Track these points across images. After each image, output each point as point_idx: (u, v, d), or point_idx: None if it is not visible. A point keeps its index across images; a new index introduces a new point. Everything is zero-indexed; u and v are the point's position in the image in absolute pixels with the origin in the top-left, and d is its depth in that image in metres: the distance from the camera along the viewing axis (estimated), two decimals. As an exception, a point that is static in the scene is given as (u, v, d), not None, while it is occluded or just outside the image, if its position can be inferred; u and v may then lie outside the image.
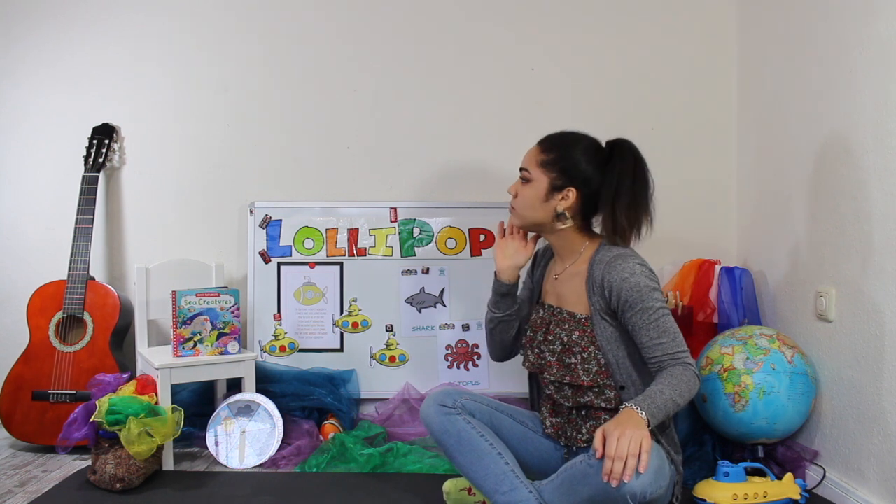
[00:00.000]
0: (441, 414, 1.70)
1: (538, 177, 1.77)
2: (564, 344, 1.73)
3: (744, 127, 2.58)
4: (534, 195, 1.77)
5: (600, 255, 1.72)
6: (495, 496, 1.60)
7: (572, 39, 2.66)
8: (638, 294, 1.63)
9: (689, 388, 1.59)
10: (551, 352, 1.76)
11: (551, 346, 1.76)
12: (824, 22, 2.02)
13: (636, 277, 1.64)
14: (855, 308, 1.89)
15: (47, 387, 2.37)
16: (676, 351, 1.62)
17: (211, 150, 2.70)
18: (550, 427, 1.82)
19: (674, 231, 2.59)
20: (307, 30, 2.68)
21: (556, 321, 1.78)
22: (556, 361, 1.74)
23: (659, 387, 1.57)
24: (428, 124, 2.68)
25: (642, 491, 1.43)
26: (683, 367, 1.61)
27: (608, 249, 1.72)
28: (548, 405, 1.84)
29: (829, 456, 2.00)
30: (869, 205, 1.82)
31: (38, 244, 2.68)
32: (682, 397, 1.57)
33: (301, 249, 2.63)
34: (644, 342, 1.64)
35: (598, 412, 1.72)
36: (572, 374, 1.71)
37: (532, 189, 1.77)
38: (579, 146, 1.77)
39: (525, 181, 1.79)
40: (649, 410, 1.51)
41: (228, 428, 2.30)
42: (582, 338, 1.71)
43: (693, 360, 1.65)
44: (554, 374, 1.74)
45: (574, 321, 1.73)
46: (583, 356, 1.70)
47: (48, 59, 2.68)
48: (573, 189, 1.74)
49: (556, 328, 1.77)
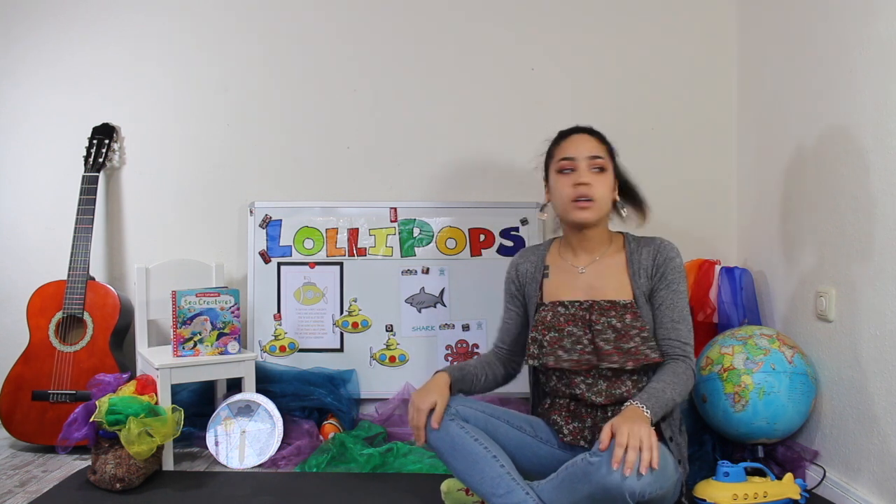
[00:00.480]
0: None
1: (609, 166, 1.78)
2: (618, 330, 1.71)
3: (744, 127, 2.58)
4: (610, 183, 1.78)
5: (635, 242, 1.81)
6: (492, 499, 1.59)
7: (572, 39, 2.66)
8: (678, 274, 1.75)
9: (688, 386, 1.68)
10: (605, 340, 1.71)
11: (603, 335, 1.72)
12: (824, 22, 2.02)
13: (680, 259, 1.77)
14: (855, 308, 1.89)
15: (47, 387, 2.38)
16: (687, 342, 1.72)
17: (211, 150, 2.70)
18: (569, 434, 1.76)
19: (674, 231, 2.58)
20: (307, 30, 2.68)
21: (595, 312, 1.74)
22: (614, 349, 1.70)
23: (661, 385, 1.63)
24: (428, 124, 2.68)
25: (642, 490, 1.43)
26: (686, 363, 1.70)
27: (637, 237, 1.82)
28: (562, 413, 1.79)
29: (829, 456, 2.00)
30: (869, 205, 1.82)
31: (38, 244, 2.68)
32: (680, 396, 1.66)
33: (301, 249, 2.63)
34: (664, 321, 1.73)
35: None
36: (636, 358, 1.69)
37: (608, 177, 1.77)
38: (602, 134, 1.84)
39: (601, 170, 1.76)
40: (653, 409, 1.56)
41: (228, 428, 2.30)
42: (636, 320, 1.72)
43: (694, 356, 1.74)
44: (616, 362, 1.69)
45: (619, 307, 1.73)
46: (642, 336, 1.70)
47: (48, 58, 2.68)
48: (617, 180, 1.82)
49: (602, 317, 1.73)
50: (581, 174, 1.74)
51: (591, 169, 1.75)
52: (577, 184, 1.73)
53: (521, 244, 2.62)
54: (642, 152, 2.67)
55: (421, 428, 1.66)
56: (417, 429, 1.67)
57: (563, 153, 1.78)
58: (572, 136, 1.81)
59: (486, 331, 2.62)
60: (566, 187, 1.75)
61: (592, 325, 1.73)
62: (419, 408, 1.66)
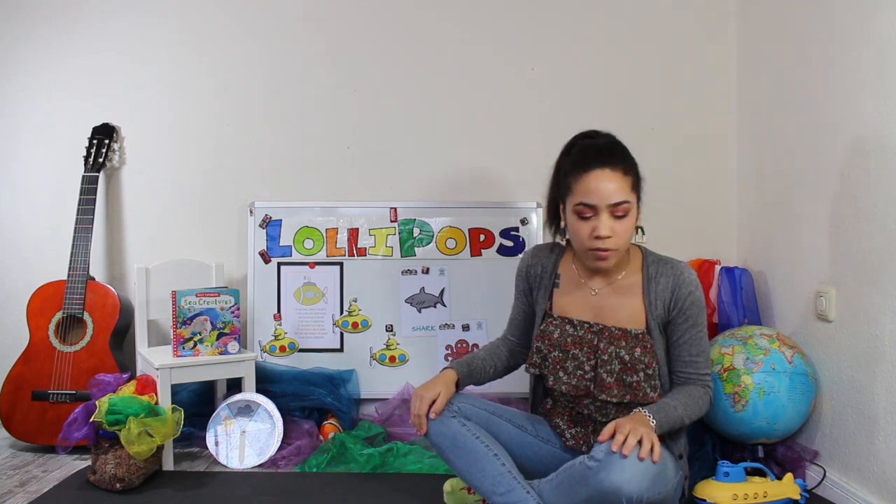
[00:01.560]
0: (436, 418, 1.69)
1: (634, 202, 1.62)
2: (625, 363, 1.65)
3: (744, 127, 2.58)
4: (633, 223, 1.63)
5: (654, 265, 1.69)
6: (493, 497, 1.59)
7: (572, 40, 2.66)
8: (697, 309, 1.68)
9: (700, 411, 1.68)
10: (608, 372, 1.66)
11: (608, 365, 1.66)
12: (824, 22, 2.02)
13: (699, 292, 1.69)
14: (855, 308, 1.89)
15: (47, 387, 2.37)
16: (705, 372, 1.70)
17: (211, 150, 2.70)
18: (571, 439, 1.77)
19: (674, 231, 2.60)
20: (307, 30, 2.68)
21: (605, 339, 1.68)
22: (615, 382, 1.65)
23: (674, 402, 1.62)
24: (428, 124, 2.68)
25: (639, 494, 1.42)
26: (704, 390, 1.69)
27: (658, 258, 1.71)
28: (565, 417, 1.79)
29: (829, 456, 2.00)
30: (869, 205, 1.82)
31: (38, 244, 2.68)
32: (689, 418, 1.64)
33: (301, 249, 2.63)
34: (682, 356, 1.69)
35: None
36: (635, 393, 1.65)
37: (631, 218, 1.61)
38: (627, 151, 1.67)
39: (622, 216, 1.59)
40: (660, 422, 1.55)
41: (228, 428, 2.30)
42: (644, 354, 1.65)
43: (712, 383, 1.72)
44: (615, 396, 1.65)
45: (631, 337, 1.67)
46: (647, 373, 1.65)
47: (49, 59, 2.68)
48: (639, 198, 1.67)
49: (610, 346, 1.67)
50: (602, 226, 1.58)
51: (613, 215, 1.59)
52: (597, 236, 1.59)
53: (521, 244, 2.62)
54: (642, 152, 2.65)
55: (422, 416, 1.65)
56: (419, 416, 1.66)
57: (583, 196, 1.59)
58: (594, 171, 1.59)
59: (486, 331, 2.61)
60: (584, 232, 1.61)
61: (599, 353, 1.68)
62: (422, 396, 1.67)
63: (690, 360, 1.69)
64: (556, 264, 1.81)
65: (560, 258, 1.82)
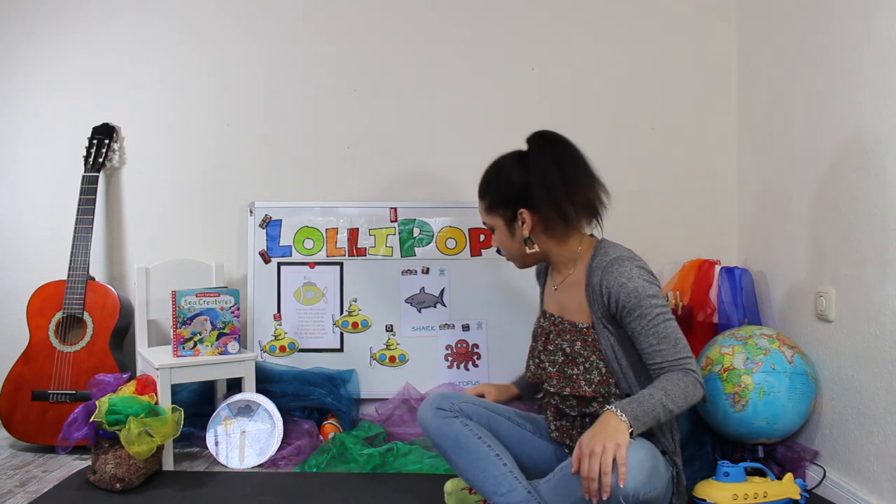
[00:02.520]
0: (438, 417, 1.69)
1: (494, 222, 1.77)
2: (567, 355, 1.69)
3: (744, 127, 2.58)
4: (502, 238, 1.78)
5: (597, 260, 1.65)
6: (494, 497, 1.60)
7: (572, 39, 2.66)
8: (636, 299, 1.56)
9: (686, 393, 1.52)
10: (552, 363, 1.72)
11: (552, 356, 1.72)
12: (824, 22, 2.02)
13: (634, 282, 1.57)
14: (855, 308, 1.89)
15: (47, 387, 2.37)
16: (677, 357, 1.55)
17: (211, 150, 2.70)
18: (556, 431, 1.79)
19: (674, 231, 2.60)
20: (307, 29, 2.68)
21: (556, 331, 1.74)
22: (556, 373, 1.70)
23: (650, 390, 1.51)
24: (428, 124, 2.68)
25: (635, 493, 1.42)
26: (683, 372, 1.54)
27: (604, 253, 1.65)
28: (552, 409, 1.81)
29: (829, 456, 2.00)
30: (869, 205, 1.82)
31: (38, 244, 2.68)
32: (675, 403, 1.50)
33: (301, 249, 2.63)
34: (644, 348, 1.58)
35: None
36: (573, 385, 1.66)
37: (498, 234, 1.79)
38: (503, 170, 1.74)
39: (492, 231, 1.81)
40: (633, 414, 1.45)
41: (228, 428, 2.30)
42: (584, 348, 1.66)
43: (697, 366, 1.58)
44: (554, 386, 1.69)
45: (576, 331, 1.69)
46: (585, 366, 1.66)
47: (49, 59, 2.68)
48: (524, 210, 1.69)
49: (557, 338, 1.72)
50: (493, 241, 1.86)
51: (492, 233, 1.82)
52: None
53: (521, 244, 2.62)
54: (642, 152, 2.68)
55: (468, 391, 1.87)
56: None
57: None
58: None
59: (485, 331, 2.62)
60: None
61: (547, 343, 1.75)
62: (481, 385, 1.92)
63: (653, 351, 1.57)
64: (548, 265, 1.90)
65: None
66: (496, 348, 2.60)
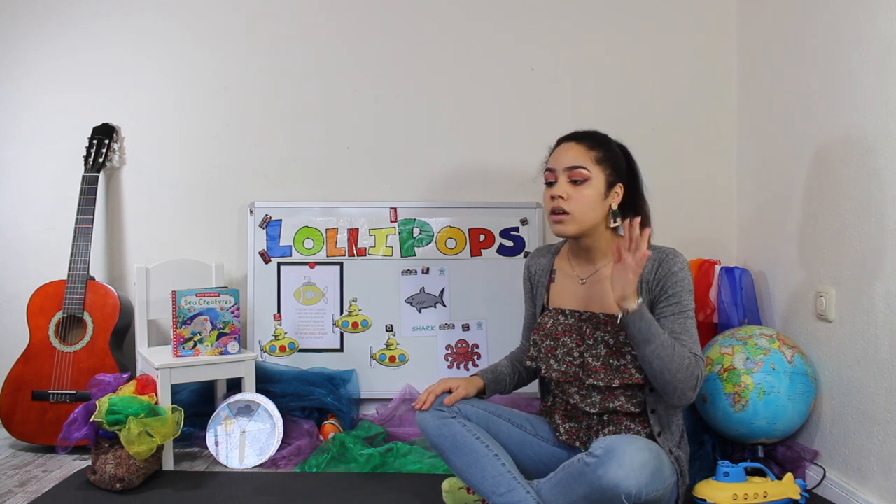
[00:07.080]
0: (436, 418, 1.69)
1: (596, 174, 1.69)
2: (610, 346, 1.69)
3: (744, 127, 2.58)
4: (594, 194, 1.69)
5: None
6: (493, 497, 1.60)
7: (572, 39, 2.66)
8: (680, 288, 1.66)
9: (686, 366, 1.58)
10: (594, 356, 1.70)
11: (593, 350, 1.71)
12: (824, 22, 2.02)
13: (684, 273, 1.68)
14: (855, 308, 1.89)
15: (47, 387, 2.38)
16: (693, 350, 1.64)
17: (211, 150, 2.70)
18: (564, 434, 1.78)
19: (674, 231, 2.59)
20: (307, 29, 2.68)
21: (590, 325, 1.73)
22: (601, 366, 1.69)
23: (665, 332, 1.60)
24: (428, 124, 2.68)
25: (638, 491, 1.43)
26: (692, 354, 1.62)
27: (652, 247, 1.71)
28: (560, 412, 1.80)
29: (829, 456, 2.00)
30: (868, 205, 1.82)
31: (38, 244, 2.68)
32: (672, 360, 1.57)
33: (301, 249, 2.63)
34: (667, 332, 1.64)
35: (620, 417, 1.71)
36: (622, 376, 1.66)
37: (591, 188, 1.69)
38: (613, 143, 1.78)
39: (580, 181, 1.68)
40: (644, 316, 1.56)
41: (228, 428, 2.30)
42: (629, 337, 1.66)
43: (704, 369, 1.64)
44: (602, 379, 1.68)
45: (615, 322, 1.68)
46: (633, 355, 1.66)
47: (48, 58, 2.68)
48: (622, 185, 1.74)
49: (596, 332, 1.71)
50: (558, 187, 1.70)
51: (569, 180, 1.69)
52: (553, 196, 1.70)
53: (521, 244, 2.62)
54: (642, 152, 2.64)
55: (433, 393, 1.74)
56: (430, 393, 1.74)
57: (549, 163, 1.76)
58: (560, 145, 1.76)
59: (485, 331, 2.62)
60: (546, 199, 1.74)
61: (585, 338, 1.73)
62: (443, 380, 1.78)
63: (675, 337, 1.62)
64: (553, 260, 1.89)
65: (557, 254, 1.90)
66: (496, 348, 2.59)
